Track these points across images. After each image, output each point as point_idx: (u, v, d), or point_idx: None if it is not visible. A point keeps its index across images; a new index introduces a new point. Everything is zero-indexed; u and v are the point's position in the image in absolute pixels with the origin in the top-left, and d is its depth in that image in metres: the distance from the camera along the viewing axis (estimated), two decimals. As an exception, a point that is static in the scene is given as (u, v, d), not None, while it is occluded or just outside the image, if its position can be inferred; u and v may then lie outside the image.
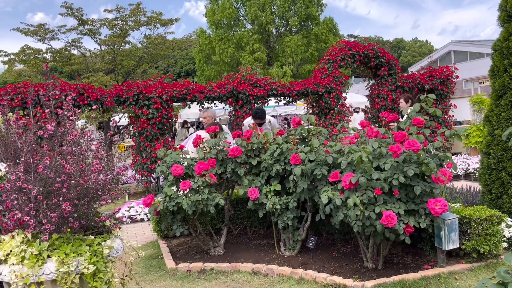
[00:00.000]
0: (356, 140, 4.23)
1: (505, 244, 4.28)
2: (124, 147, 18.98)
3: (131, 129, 9.65)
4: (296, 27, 27.26)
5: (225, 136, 5.21)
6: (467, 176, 8.71)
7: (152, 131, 8.72)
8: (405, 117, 6.62)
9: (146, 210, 7.03)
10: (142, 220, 6.95)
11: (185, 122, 15.78)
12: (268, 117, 6.92)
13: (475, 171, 8.48)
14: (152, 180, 9.09)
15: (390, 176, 3.70)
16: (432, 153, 4.05)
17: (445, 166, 4.07)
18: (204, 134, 5.90)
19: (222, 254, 4.90)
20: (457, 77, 10.59)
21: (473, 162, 8.87)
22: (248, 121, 7.09)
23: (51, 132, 2.01)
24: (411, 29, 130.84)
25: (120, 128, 15.56)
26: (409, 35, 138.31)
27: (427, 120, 4.17)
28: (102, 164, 2.19)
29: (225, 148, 4.82)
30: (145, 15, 14.35)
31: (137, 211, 7.02)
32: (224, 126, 6.81)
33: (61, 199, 2.01)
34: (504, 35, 4.83)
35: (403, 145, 3.75)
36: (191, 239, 5.51)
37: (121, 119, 14.46)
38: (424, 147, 3.91)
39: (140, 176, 8.94)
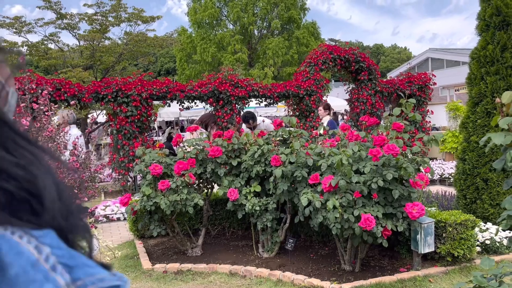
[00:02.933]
0: (336, 143, 4.25)
1: (478, 248, 4.37)
2: (101, 145, 18.66)
3: (109, 126, 9.48)
4: (278, 29, 27.34)
5: (205, 135, 5.17)
6: (442, 181, 8.88)
7: (130, 129, 8.59)
8: (325, 124, 6.77)
9: (123, 209, 6.91)
10: (118, 219, 6.83)
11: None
12: (260, 118, 6.96)
13: (450, 176, 8.65)
14: (130, 179, 8.94)
15: (369, 180, 3.73)
16: (410, 157, 4.11)
17: (422, 170, 4.13)
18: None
19: (200, 255, 4.85)
20: (435, 84, 10.80)
21: (448, 167, 9.05)
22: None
23: (26, 127, 1.94)
24: (391, 35, 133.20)
25: (98, 125, 15.27)
26: (389, 41, 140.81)
27: (406, 125, 4.22)
28: (79, 162, 2.13)
29: (205, 148, 4.78)
30: (126, 11, 14.15)
31: (113, 210, 6.90)
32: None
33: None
34: (482, 44, 4.94)
35: (382, 149, 3.79)
36: (168, 239, 5.44)
37: (99, 116, 14.21)
38: (403, 152, 3.95)
39: (117, 174, 8.79)
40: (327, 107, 7.62)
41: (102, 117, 13.30)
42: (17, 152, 0.48)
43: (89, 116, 12.94)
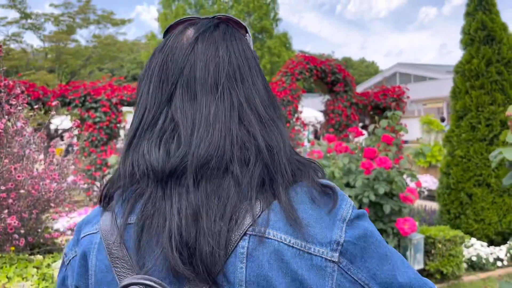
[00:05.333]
0: (325, 154, 4.07)
1: (465, 265, 4.27)
2: (61, 151, 17.84)
3: (75, 132, 8.99)
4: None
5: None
6: (418, 193, 8.89)
7: (98, 136, 8.15)
8: None
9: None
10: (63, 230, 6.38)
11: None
12: None
13: (424, 189, 8.69)
14: (96, 188, 8.47)
15: (360, 194, 3.56)
16: (401, 171, 3.98)
17: (413, 184, 4.00)
18: None
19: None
20: (408, 97, 10.91)
21: (423, 180, 9.09)
22: None
23: (0, 130, 1.61)
24: (360, 49, 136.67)
25: (61, 131, 14.58)
26: (358, 54, 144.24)
27: (396, 138, 4.10)
28: (57, 171, 1.83)
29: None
30: (95, 13, 13.64)
31: (55, 220, 6.44)
32: None
33: (5, 211, 1.61)
34: (467, 58, 4.92)
35: (374, 161, 3.63)
36: (140, 254, 5.08)
37: (63, 121, 13.58)
38: (395, 165, 3.82)
39: (83, 183, 8.30)
40: None
41: (67, 123, 12.70)
42: None
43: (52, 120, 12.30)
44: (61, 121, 13.91)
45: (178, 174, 0.59)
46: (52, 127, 14.06)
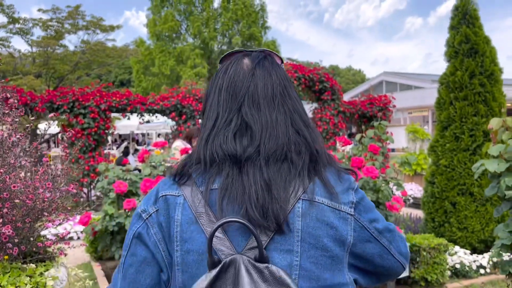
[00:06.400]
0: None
1: (448, 272, 4.37)
2: (50, 157, 17.69)
3: (63, 138, 8.94)
4: (239, 45, 27.42)
5: (173, 152, 4.92)
6: (404, 201, 9.02)
7: (86, 142, 8.13)
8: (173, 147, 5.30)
9: (76, 227, 6.46)
10: (71, 238, 6.35)
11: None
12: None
13: (410, 197, 8.82)
14: (84, 195, 8.43)
15: (347, 202, 3.63)
16: (388, 179, 4.06)
17: (399, 193, 4.09)
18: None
19: (163, 279, 4.54)
20: (394, 106, 11.08)
21: (408, 188, 9.22)
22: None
23: None
24: (347, 57, 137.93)
25: (48, 136, 14.45)
26: (345, 62, 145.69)
27: (382, 147, 4.19)
28: (51, 181, 1.85)
29: (173, 165, 4.52)
30: (84, 19, 13.60)
31: (65, 229, 6.41)
32: None
33: (0, 220, 1.63)
34: (451, 70, 5.05)
35: (361, 171, 3.71)
36: (128, 261, 5.08)
37: (51, 127, 13.45)
38: (381, 174, 3.90)
39: (75, 191, 8.24)
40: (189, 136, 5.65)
41: (53, 128, 12.58)
42: None
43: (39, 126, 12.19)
44: (47, 127, 13.78)
45: (253, 159, 0.87)
46: (38, 132, 13.91)
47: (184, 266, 0.85)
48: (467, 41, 4.94)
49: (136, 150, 16.63)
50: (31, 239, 1.95)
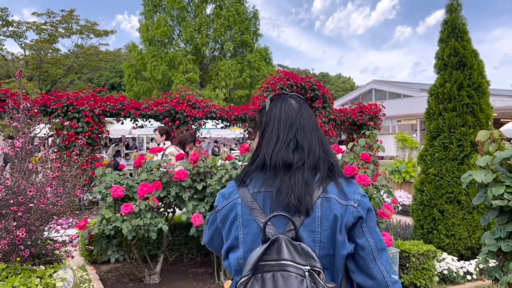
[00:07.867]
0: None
1: (436, 278, 4.50)
2: (39, 160, 17.52)
3: (56, 141, 8.95)
4: (231, 52, 27.57)
5: (170, 157, 5.00)
6: (394, 208, 9.16)
7: (80, 146, 8.15)
8: (168, 152, 5.83)
9: (69, 231, 6.47)
10: (64, 242, 6.36)
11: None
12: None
13: (399, 204, 8.97)
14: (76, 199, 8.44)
15: (340, 209, 3.74)
16: (378, 187, 4.19)
17: (389, 201, 4.22)
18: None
19: (158, 283, 4.60)
20: (384, 115, 11.28)
21: (398, 195, 9.39)
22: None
23: (18, 149, 1.71)
24: (337, 65, 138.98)
25: (40, 139, 14.38)
26: (335, 70, 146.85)
27: (373, 156, 4.32)
28: (63, 187, 1.93)
29: (169, 170, 4.61)
30: (78, 24, 13.62)
31: (58, 232, 6.42)
32: None
33: (14, 224, 1.71)
34: (440, 82, 5.21)
35: (354, 178, 3.83)
36: (123, 265, 5.13)
37: (42, 130, 13.41)
38: (373, 182, 4.03)
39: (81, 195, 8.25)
40: (163, 131, 6.44)
41: (44, 131, 12.56)
42: None
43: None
44: (39, 130, 13.74)
45: (299, 167, 1.28)
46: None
47: (245, 242, 1.28)
48: (456, 54, 5.12)
49: (126, 154, 16.61)
50: (39, 242, 2.02)
